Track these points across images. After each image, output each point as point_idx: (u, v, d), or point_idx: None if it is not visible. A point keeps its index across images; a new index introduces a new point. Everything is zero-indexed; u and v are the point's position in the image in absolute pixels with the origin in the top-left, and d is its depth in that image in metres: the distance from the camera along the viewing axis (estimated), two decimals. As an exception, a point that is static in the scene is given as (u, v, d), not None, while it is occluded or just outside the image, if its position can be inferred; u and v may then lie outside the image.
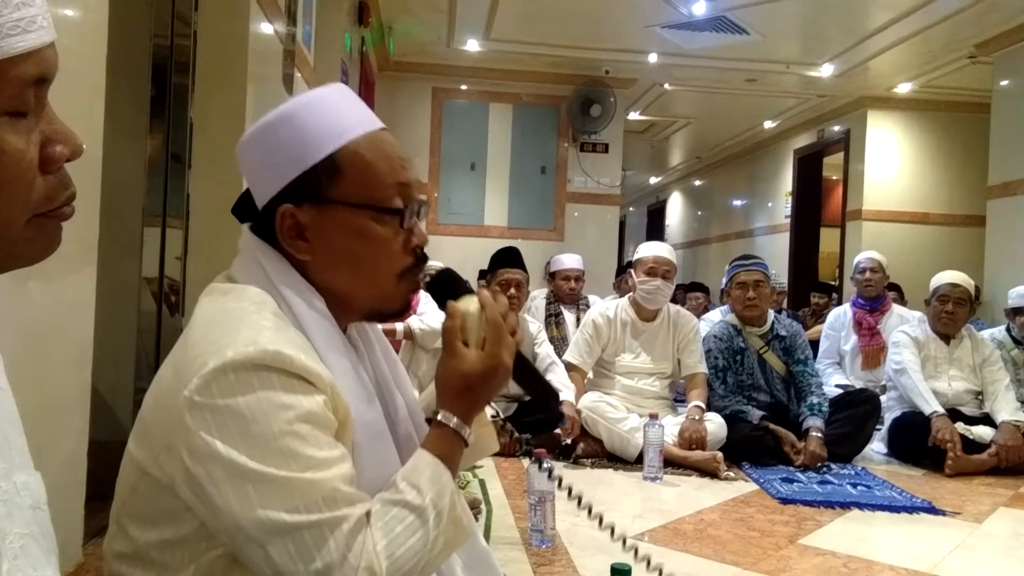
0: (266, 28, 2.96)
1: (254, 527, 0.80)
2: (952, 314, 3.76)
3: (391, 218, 0.96)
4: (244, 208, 1.07)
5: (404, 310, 1.03)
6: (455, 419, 0.95)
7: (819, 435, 3.42)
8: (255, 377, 0.82)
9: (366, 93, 6.03)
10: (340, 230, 0.95)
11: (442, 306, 1.01)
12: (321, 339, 0.92)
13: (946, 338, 3.82)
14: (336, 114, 0.96)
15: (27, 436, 0.70)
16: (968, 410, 3.71)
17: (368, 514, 0.84)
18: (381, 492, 0.89)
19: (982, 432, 3.51)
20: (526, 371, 1.06)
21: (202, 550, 0.84)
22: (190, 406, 0.80)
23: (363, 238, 0.95)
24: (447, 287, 1.03)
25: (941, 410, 3.52)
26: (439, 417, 0.96)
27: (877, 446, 3.80)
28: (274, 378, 0.82)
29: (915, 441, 3.56)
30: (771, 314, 3.80)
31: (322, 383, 0.86)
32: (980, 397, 3.77)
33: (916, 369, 3.71)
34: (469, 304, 0.99)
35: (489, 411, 3.31)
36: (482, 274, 5.01)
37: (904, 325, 4.05)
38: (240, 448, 0.80)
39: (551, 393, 1.10)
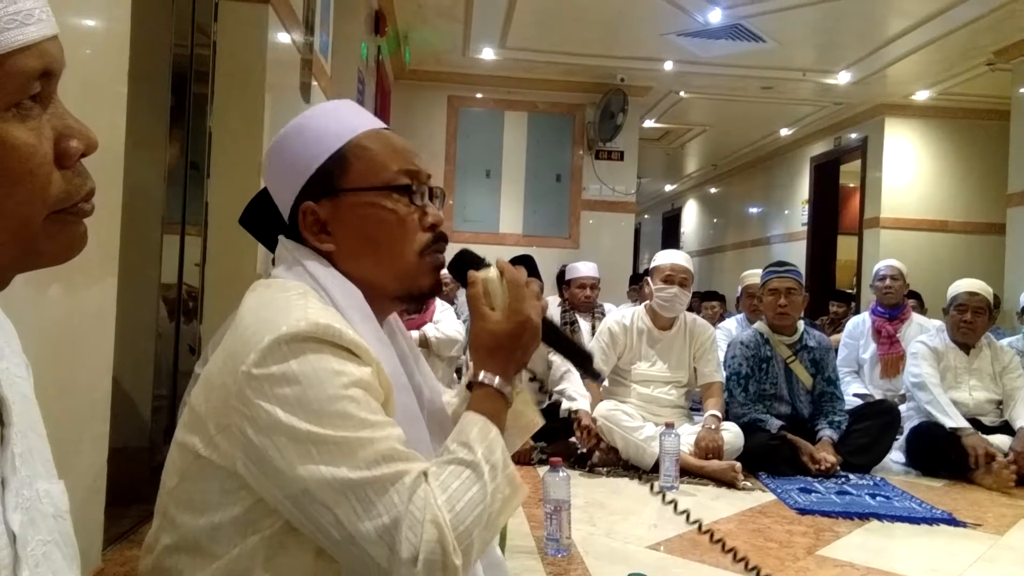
0: (284, 38, 2.98)
1: (320, 489, 0.82)
2: (970, 323, 3.70)
3: (399, 195, 1.02)
4: (252, 220, 1.10)
5: (434, 289, 1.08)
6: (494, 377, 1.00)
7: (831, 441, 3.44)
8: (308, 347, 0.86)
9: (382, 102, 6.06)
10: (355, 216, 1.01)
11: (463, 281, 1.07)
12: (361, 326, 0.96)
13: (965, 347, 3.77)
14: (342, 118, 1.05)
15: (49, 443, 0.70)
16: (988, 420, 3.66)
17: (425, 473, 0.87)
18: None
19: (999, 442, 3.47)
20: (554, 334, 1.10)
21: (247, 534, 0.86)
22: (248, 379, 0.84)
23: (377, 219, 1.01)
24: (466, 264, 1.09)
25: (966, 425, 3.46)
26: (479, 378, 1.00)
27: (895, 455, 3.75)
28: (326, 348, 0.87)
29: (933, 451, 3.52)
30: (801, 324, 3.77)
31: (368, 357, 0.90)
32: (1000, 406, 3.72)
33: (935, 383, 3.65)
34: (488, 272, 1.06)
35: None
36: None
37: (923, 335, 4.00)
38: (299, 414, 0.83)
39: (584, 355, 1.15)
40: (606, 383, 3.75)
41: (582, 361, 1.15)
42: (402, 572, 0.81)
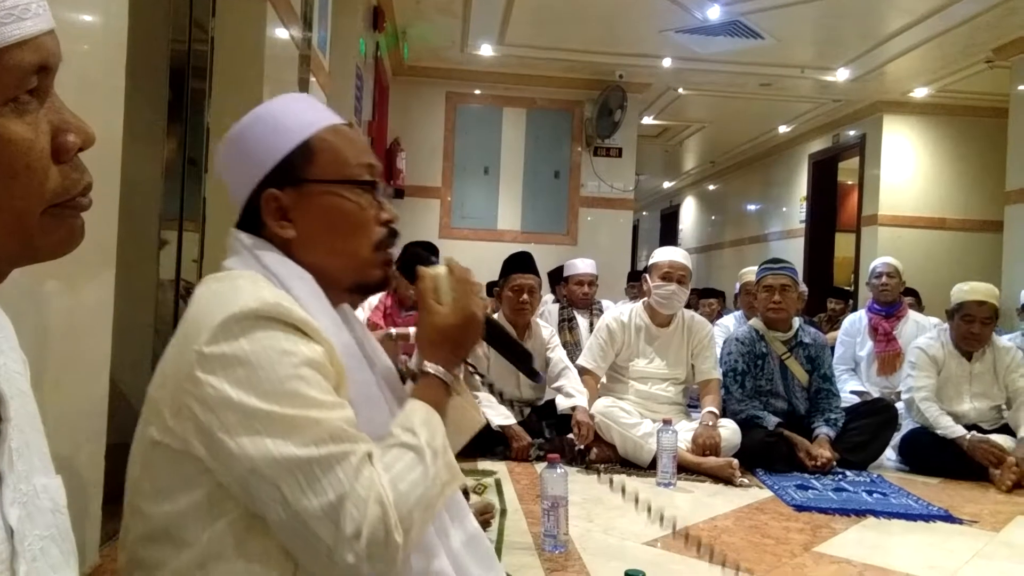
0: (282, 34, 2.98)
1: (267, 465, 0.84)
2: (978, 335, 3.57)
3: (363, 190, 1.06)
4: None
5: (385, 282, 1.11)
6: (439, 367, 1.05)
7: (827, 438, 3.43)
8: (258, 325, 0.88)
9: (380, 98, 6.05)
10: (318, 206, 1.04)
11: (411, 277, 1.11)
12: (313, 307, 0.98)
13: (968, 354, 3.66)
14: (303, 111, 1.09)
15: (46, 439, 0.70)
16: (987, 425, 3.61)
17: (370, 454, 0.89)
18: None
19: (998, 441, 3.45)
20: (497, 333, 1.17)
21: (214, 517, 0.88)
22: (200, 358, 0.86)
23: (339, 210, 1.05)
24: (415, 259, 1.13)
25: (963, 432, 3.41)
26: (424, 367, 1.05)
27: (889, 453, 3.74)
28: (276, 326, 0.89)
29: (927, 458, 3.50)
30: (797, 321, 3.77)
31: (319, 337, 0.92)
32: (1002, 409, 3.65)
33: (923, 396, 3.55)
34: (438, 269, 1.11)
35: (507, 420, 3.29)
36: (489, 289, 4.95)
37: (923, 336, 3.88)
38: (248, 392, 0.85)
39: (524, 353, 1.21)
40: (604, 380, 3.75)
41: (521, 360, 1.20)
42: (346, 548, 0.83)
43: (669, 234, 14.47)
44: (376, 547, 0.84)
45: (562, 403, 3.56)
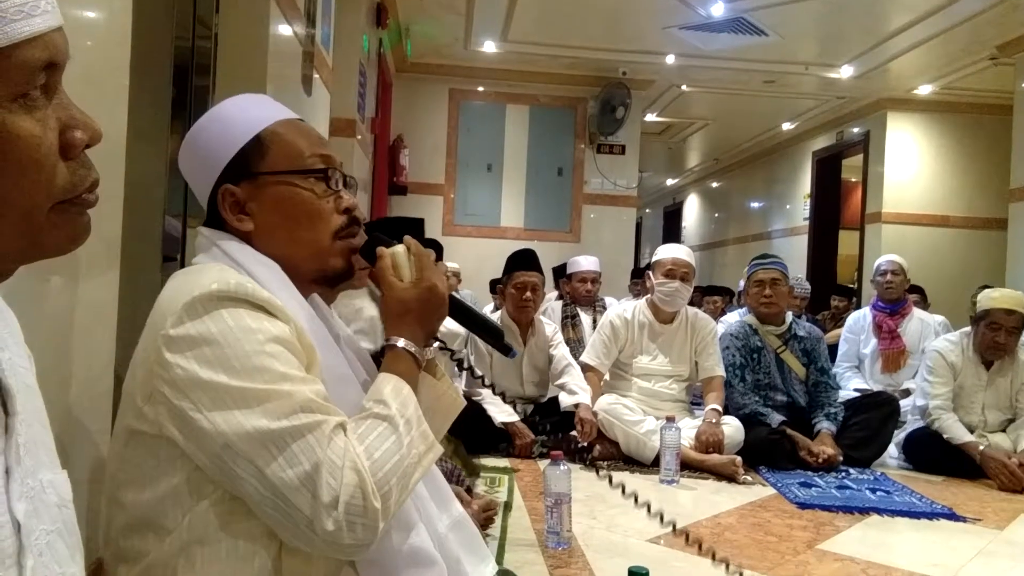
0: (285, 30, 2.98)
1: (240, 440, 0.84)
2: (1003, 345, 3.47)
3: (316, 179, 1.07)
4: None
5: (349, 270, 1.11)
6: (402, 340, 1.04)
7: (829, 433, 3.43)
8: (222, 305, 0.89)
9: (383, 95, 6.05)
10: (273, 197, 1.06)
11: (372, 260, 1.10)
12: (279, 291, 0.99)
13: (988, 363, 3.55)
14: (255, 108, 1.11)
15: (52, 434, 0.70)
16: (990, 431, 3.59)
17: (343, 425, 0.90)
18: None
19: (999, 440, 3.44)
20: (463, 310, 1.17)
21: (194, 500, 0.88)
22: (167, 341, 0.87)
23: (293, 200, 1.06)
24: (375, 242, 1.13)
25: (973, 439, 3.37)
26: (389, 341, 1.05)
27: (892, 451, 3.72)
28: (240, 305, 0.90)
29: (931, 456, 3.49)
30: (789, 314, 3.77)
31: (284, 316, 0.93)
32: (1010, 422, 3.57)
33: (939, 405, 3.48)
34: (396, 247, 1.11)
35: (510, 417, 3.28)
36: (492, 286, 4.95)
37: (941, 339, 3.76)
38: (217, 369, 0.86)
39: (495, 329, 1.21)
40: (607, 377, 3.75)
41: (491, 335, 1.20)
42: (325, 516, 0.84)
43: (672, 231, 14.46)
44: (355, 513, 0.84)
45: (565, 400, 3.57)
